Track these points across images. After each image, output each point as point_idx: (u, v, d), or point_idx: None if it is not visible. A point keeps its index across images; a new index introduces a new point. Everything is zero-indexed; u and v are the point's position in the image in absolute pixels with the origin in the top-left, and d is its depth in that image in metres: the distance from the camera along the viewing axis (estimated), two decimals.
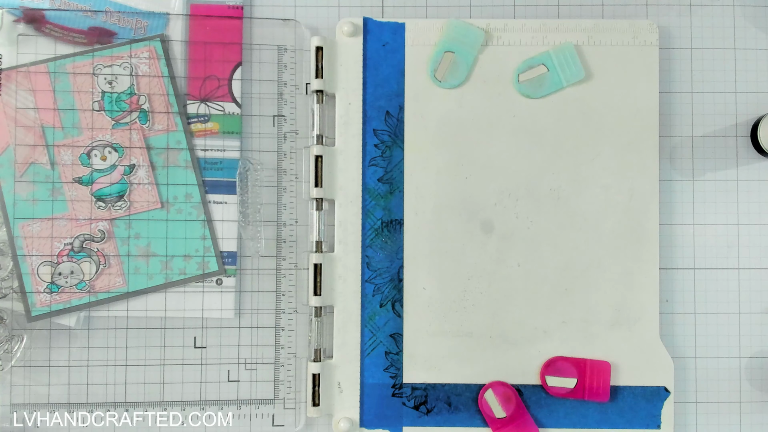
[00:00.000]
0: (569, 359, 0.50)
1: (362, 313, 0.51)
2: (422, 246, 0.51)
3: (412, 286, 0.51)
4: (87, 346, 0.51)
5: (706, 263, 0.52)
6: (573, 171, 0.51)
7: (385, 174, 0.51)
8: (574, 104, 0.51)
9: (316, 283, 0.51)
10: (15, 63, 0.51)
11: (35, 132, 0.51)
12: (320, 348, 0.51)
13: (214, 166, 0.52)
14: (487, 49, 0.51)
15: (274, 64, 0.53)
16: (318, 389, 0.50)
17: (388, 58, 0.52)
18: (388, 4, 0.53)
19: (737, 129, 0.53)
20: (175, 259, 0.51)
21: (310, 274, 0.51)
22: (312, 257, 0.51)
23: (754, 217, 0.53)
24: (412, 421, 0.51)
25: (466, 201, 0.51)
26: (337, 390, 0.51)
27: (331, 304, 0.51)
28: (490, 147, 0.51)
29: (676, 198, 0.53)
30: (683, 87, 0.53)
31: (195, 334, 0.51)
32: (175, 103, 0.52)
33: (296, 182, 0.52)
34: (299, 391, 0.51)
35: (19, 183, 0.51)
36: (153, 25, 0.52)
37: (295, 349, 0.52)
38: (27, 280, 0.50)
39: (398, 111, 0.51)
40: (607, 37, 0.51)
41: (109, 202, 0.51)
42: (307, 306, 0.51)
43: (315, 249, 0.51)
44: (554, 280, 0.51)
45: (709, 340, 0.52)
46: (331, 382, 0.51)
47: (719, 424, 0.52)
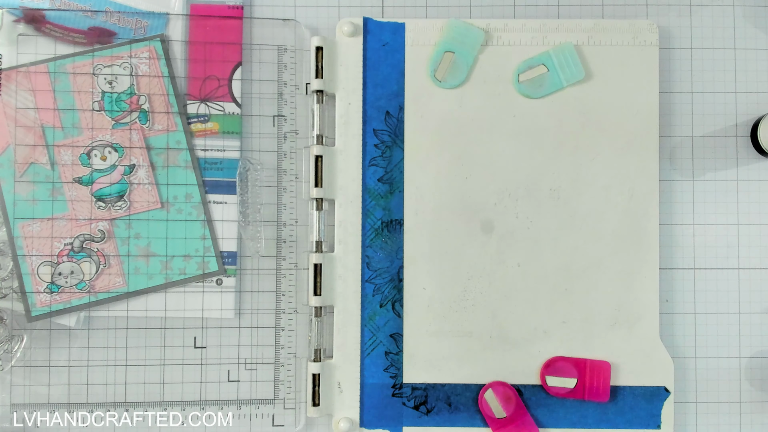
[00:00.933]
0: (569, 359, 0.50)
1: (362, 313, 0.51)
2: (422, 246, 0.51)
3: (412, 286, 0.51)
4: (87, 346, 0.51)
5: (706, 263, 0.52)
6: (573, 171, 0.51)
7: (385, 174, 0.51)
8: (574, 104, 0.51)
9: (316, 283, 0.51)
10: (15, 63, 0.51)
11: (35, 132, 0.51)
12: (320, 348, 0.51)
13: (214, 166, 0.52)
14: (487, 49, 0.51)
15: (274, 64, 0.53)
16: (318, 389, 0.50)
17: (388, 58, 0.52)
18: (388, 4, 0.53)
19: (737, 129, 0.53)
20: (175, 259, 0.51)
21: (310, 274, 0.51)
22: (312, 257, 0.51)
23: (754, 217, 0.53)
24: (412, 421, 0.51)
25: (466, 201, 0.51)
26: (337, 390, 0.51)
27: (331, 304, 0.51)
28: (490, 147, 0.51)
29: (676, 198, 0.53)
30: (683, 87, 0.53)
31: (195, 334, 0.51)
32: (175, 103, 0.52)
33: (296, 182, 0.52)
34: (299, 391, 0.51)
35: (19, 183, 0.51)
36: (153, 25, 0.52)
37: (295, 349, 0.52)
38: (27, 280, 0.50)
39: (398, 111, 0.51)
40: (607, 37, 0.51)
41: (109, 202, 0.51)
42: (307, 306, 0.51)
43: (315, 249, 0.51)
44: (554, 280, 0.51)
45: (709, 340, 0.52)
46: (331, 382, 0.51)
47: (719, 424, 0.52)
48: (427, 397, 0.51)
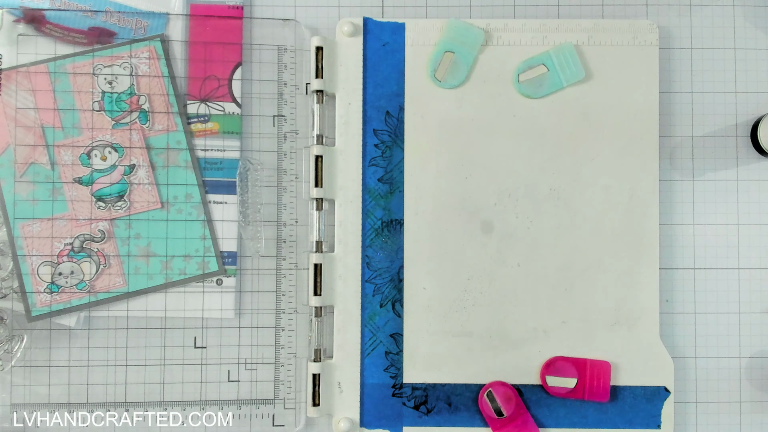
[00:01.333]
0: (569, 359, 0.50)
1: (362, 313, 0.51)
2: (422, 246, 0.51)
3: (412, 286, 0.51)
4: (87, 346, 0.51)
5: (706, 263, 0.52)
6: (573, 171, 0.51)
7: (385, 174, 0.51)
8: (574, 104, 0.51)
9: (316, 283, 0.51)
10: (15, 63, 0.51)
11: (35, 132, 0.51)
12: (320, 348, 0.51)
13: (214, 166, 0.52)
14: (487, 49, 0.51)
15: (274, 64, 0.53)
16: (318, 389, 0.50)
17: (388, 58, 0.52)
18: (388, 4, 0.53)
19: (737, 129, 0.53)
20: (175, 259, 0.51)
21: (310, 274, 0.51)
22: (312, 257, 0.51)
23: (754, 217, 0.53)
24: (412, 421, 0.51)
25: (466, 201, 0.51)
26: (337, 390, 0.51)
27: (331, 304, 0.51)
28: (490, 147, 0.51)
29: (676, 198, 0.53)
30: (683, 87, 0.53)
31: (195, 334, 0.51)
32: (175, 103, 0.52)
33: (296, 182, 0.52)
34: (299, 391, 0.51)
35: (19, 183, 0.51)
36: (153, 25, 0.52)
37: (295, 349, 0.52)
38: (27, 280, 0.50)
39: (398, 111, 0.51)
40: (607, 37, 0.51)
41: (109, 202, 0.51)
42: (307, 306, 0.51)
43: (315, 249, 0.51)
44: (554, 280, 0.51)
45: (709, 340, 0.52)
46: (331, 382, 0.51)
47: (719, 424, 0.52)
48: (427, 397, 0.51)
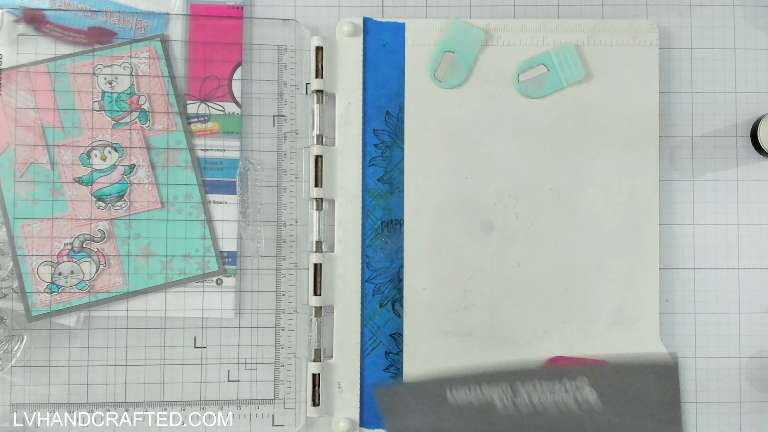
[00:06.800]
0: (569, 359, 0.50)
1: (362, 313, 0.51)
2: (422, 246, 0.51)
3: (412, 286, 0.51)
4: (87, 346, 0.51)
5: (706, 263, 0.52)
6: (573, 171, 0.51)
7: (385, 174, 0.51)
8: (574, 104, 0.51)
9: (316, 283, 0.51)
10: (15, 63, 0.51)
11: (35, 132, 0.51)
12: (320, 348, 0.51)
13: (214, 166, 0.52)
14: (487, 49, 0.51)
15: (274, 64, 0.53)
16: (318, 389, 0.50)
17: (388, 58, 0.52)
18: (388, 4, 0.53)
19: (737, 129, 0.53)
20: (175, 259, 0.51)
21: (310, 274, 0.51)
22: (312, 257, 0.51)
23: (754, 217, 0.53)
24: None
25: (466, 201, 0.51)
26: (337, 390, 0.51)
27: (331, 304, 0.51)
28: (490, 147, 0.51)
29: (676, 198, 0.53)
30: (683, 87, 0.53)
31: (195, 334, 0.51)
32: (175, 103, 0.52)
33: (296, 182, 0.52)
34: (299, 391, 0.51)
35: (19, 183, 0.51)
36: (153, 25, 0.52)
37: (295, 349, 0.52)
38: (27, 280, 0.50)
39: (398, 111, 0.51)
40: (607, 37, 0.51)
41: (109, 202, 0.51)
42: (307, 306, 0.51)
43: (315, 249, 0.51)
44: (554, 280, 0.51)
45: (709, 340, 0.52)
46: (331, 382, 0.51)
47: (719, 424, 0.52)
48: None
